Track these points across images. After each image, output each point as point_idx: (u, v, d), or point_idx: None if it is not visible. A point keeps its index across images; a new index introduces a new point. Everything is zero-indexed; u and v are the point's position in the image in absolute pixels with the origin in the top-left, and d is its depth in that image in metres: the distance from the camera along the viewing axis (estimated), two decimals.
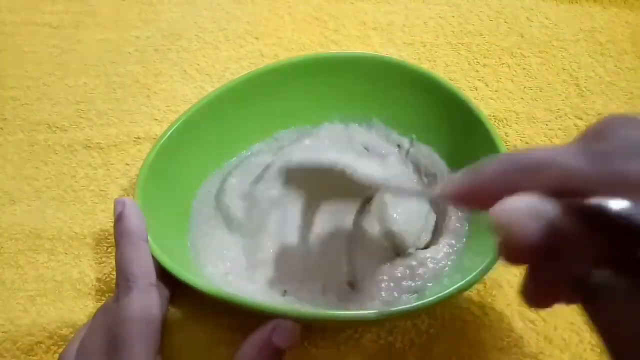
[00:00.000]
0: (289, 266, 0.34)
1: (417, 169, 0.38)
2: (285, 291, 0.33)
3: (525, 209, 0.18)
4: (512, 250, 0.18)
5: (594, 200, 0.17)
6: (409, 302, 0.31)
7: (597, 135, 0.20)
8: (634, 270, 0.16)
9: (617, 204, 0.17)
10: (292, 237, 0.35)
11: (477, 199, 0.20)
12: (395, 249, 0.34)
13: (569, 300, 0.20)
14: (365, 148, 0.39)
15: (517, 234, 0.18)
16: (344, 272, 0.34)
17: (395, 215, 0.34)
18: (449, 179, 0.22)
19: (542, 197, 0.18)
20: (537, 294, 0.21)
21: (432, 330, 0.33)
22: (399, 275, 0.33)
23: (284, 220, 0.36)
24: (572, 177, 0.18)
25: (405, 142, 0.39)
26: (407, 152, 0.39)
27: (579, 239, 0.17)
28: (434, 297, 0.29)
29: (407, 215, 0.34)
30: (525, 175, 0.19)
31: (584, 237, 0.17)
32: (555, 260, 0.18)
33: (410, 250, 0.34)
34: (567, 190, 0.18)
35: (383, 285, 0.33)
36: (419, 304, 0.29)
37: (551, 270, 0.19)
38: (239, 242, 0.36)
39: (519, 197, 0.18)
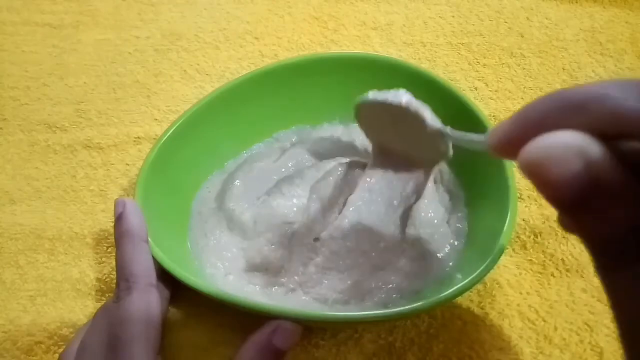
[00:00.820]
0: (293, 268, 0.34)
1: None
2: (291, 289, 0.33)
3: (566, 144, 0.15)
4: (544, 193, 0.16)
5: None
6: (409, 304, 0.31)
7: None
8: None
9: None
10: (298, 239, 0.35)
11: (520, 144, 0.17)
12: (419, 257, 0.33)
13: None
14: (365, 149, 0.39)
15: (553, 172, 0.15)
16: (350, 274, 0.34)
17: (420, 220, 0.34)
18: (495, 127, 0.19)
19: (587, 135, 0.15)
20: (571, 226, 0.18)
21: (432, 330, 0.33)
22: (400, 275, 0.33)
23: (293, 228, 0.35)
24: (624, 118, 0.15)
25: None
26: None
27: (623, 191, 0.15)
28: (435, 298, 0.29)
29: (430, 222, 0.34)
30: (571, 112, 0.16)
31: (631, 189, 0.15)
32: (588, 212, 0.15)
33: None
34: (618, 133, 0.15)
35: (387, 286, 0.33)
36: (419, 305, 0.29)
37: (583, 222, 0.16)
38: (239, 244, 0.36)
39: (559, 132, 0.16)
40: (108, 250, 0.37)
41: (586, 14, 0.49)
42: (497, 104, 0.43)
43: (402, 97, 0.30)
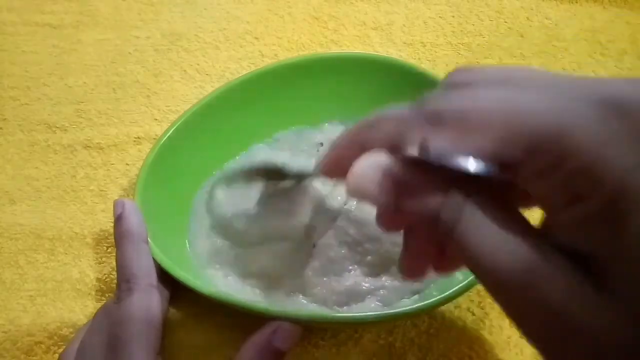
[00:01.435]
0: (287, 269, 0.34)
1: None
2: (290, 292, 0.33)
3: (367, 164, 0.20)
4: (373, 202, 0.20)
5: (422, 141, 0.18)
6: (410, 304, 0.31)
7: (443, 85, 0.21)
8: (474, 190, 0.18)
9: (436, 143, 0.18)
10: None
11: (340, 167, 0.21)
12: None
13: (438, 263, 0.22)
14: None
15: (367, 190, 0.19)
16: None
17: None
18: (321, 156, 0.23)
19: (381, 152, 0.20)
20: (410, 262, 0.22)
21: (432, 330, 0.33)
22: (399, 276, 0.33)
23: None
24: (403, 126, 0.19)
25: None
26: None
27: (421, 179, 0.19)
28: (435, 298, 0.29)
29: None
30: (367, 133, 0.21)
31: (424, 176, 0.19)
32: (409, 203, 0.19)
33: None
34: (403, 140, 0.19)
35: (386, 284, 0.33)
36: (419, 305, 0.29)
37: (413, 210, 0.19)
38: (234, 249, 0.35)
39: (362, 157, 0.20)
40: (108, 250, 0.37)
41: (586, 14, 0.49)
42: None
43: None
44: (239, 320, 0.31)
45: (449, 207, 0.18)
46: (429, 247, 0.21)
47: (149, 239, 0.32)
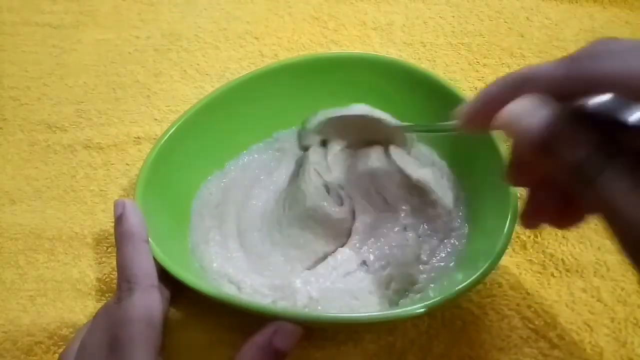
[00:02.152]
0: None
1: None
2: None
3: (525, 106, 0.21)
4: (518, 146, 0.21)
5: (581, 100, 0.20)
6: (410, 304, 0.31)
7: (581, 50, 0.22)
8: (622, 151, 0.19)
9: (595, 100, 0.19)
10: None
11: (487, 117, 0.22)
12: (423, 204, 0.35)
13: (561, 218, 0.24)
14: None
15: (521, 126, 0.20)
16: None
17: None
18: (460, 108, 0.25)
19: (538, 98, 0.21)
20: (534, 214, 0.24)
21: (432, 331, 0.33)
22: (400, 276, 0.33)
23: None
24: (555, 83, 0.21)
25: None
26: (407, 152, 0.39)
27: (572, 132, 0.20)
28: (436, 299, 0.29)
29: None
30: (519, 88, 0.22)
31: (576, 130, 0.20)
32: (553, 155, 0.20)
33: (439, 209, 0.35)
34: (556, 95, 0.21)
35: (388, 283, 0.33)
36: (420, 306, 0.29)
37: (551, 171, 0.21)
38: (240, 250, 0.36)
39: (518, 99, 0.21)
40: (108, 250, 0.37)
41: (586, 14, 0.49)
42: None
43: (361, 109, 0.37)
44: (239, 320, 0.31)
45: (595, 158, 0.19)
46: (554, 201, 0.23)
47: (149, 238, 0.32)
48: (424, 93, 0.38)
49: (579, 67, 0.21)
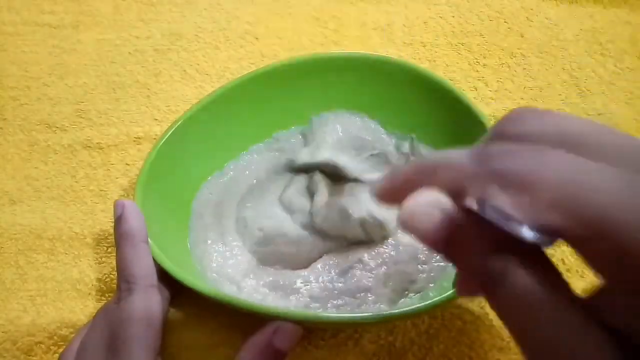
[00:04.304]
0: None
1: None
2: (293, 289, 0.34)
3: (426, 201, 0.19)
4: (422, 243, 0.20)
5: (482, 196, 0.18)
6: (410, 304, 0.31)
7: (498, 133, 0.20)
8: (526, 256, 0.17)
9: (495, 203, 0.17)
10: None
11: (394, 198, 0.21)
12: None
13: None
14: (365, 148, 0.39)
15: (419, 224, 0.19)
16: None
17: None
18: (377, 180, 0.23)
19: (441, 193, 0.19)
20: (464, 284, 0.22)
21: (432, 330, 0.33)
22: (400, 276, 0.33)
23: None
24: (463, 177, 0.19)
25: (405, 142, 0.39)
26: (407, 152, 0.39)
27: (472, 232, 0.18)
28: (435, 298, 0.29)
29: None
30: (427, 176, 0.20)
31: (476, 230, 0.18)
32: (458, 252, 0.19)
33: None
34: (462, 189, 0.19)
35: (387, 282, 0.33)
36: (420, 305, 0.29)
37: (460, 262, 0.19)
38: (242, 248, 0.36)
39: (421, 192, 0.20)
40: (108, 250, 0.37)
41: (586, 14, 0.49)
42: (497, 104, 0.43)
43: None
44: (239, 320, 0.31)
45: (493, 267, 0.17)
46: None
47: (149, 239, 0.32)
48: (424, 93, 0.38)
49: (491, 166, 0.18)
